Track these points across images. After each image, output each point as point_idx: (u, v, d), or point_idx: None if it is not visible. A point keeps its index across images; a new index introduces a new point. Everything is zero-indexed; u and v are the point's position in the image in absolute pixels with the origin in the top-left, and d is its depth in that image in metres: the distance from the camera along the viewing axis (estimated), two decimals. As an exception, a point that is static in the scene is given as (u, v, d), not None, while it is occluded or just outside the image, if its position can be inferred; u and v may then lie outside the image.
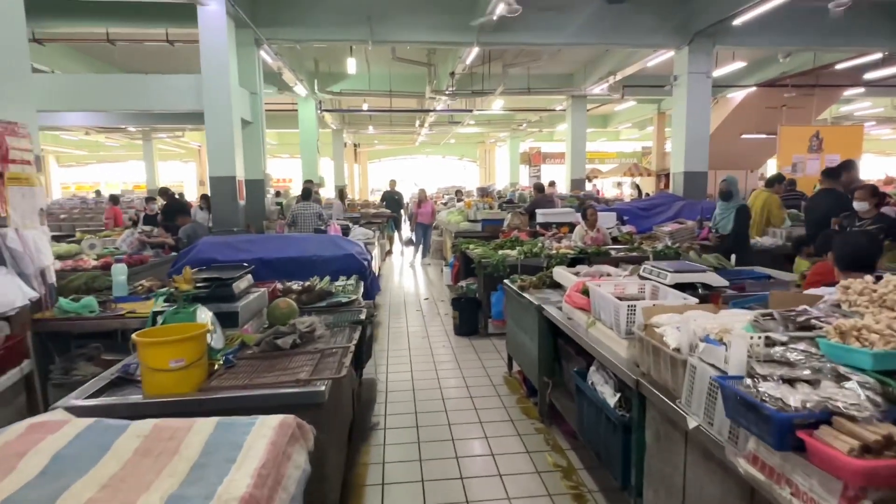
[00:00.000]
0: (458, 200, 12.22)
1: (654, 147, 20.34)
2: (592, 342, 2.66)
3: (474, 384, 4.35)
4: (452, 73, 12.18)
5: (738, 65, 11.68)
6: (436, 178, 30.25)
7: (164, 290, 2.64)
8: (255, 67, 8.77)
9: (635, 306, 2.33)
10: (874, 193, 4.32)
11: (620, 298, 2.61)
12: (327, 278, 4.22)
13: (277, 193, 13.20)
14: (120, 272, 3.60)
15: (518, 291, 3.90)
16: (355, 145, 28.58)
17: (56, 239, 7.20)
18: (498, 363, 4.84)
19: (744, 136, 16.70)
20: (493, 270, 5.37)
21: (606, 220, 7.74)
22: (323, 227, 7.82)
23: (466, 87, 13.80)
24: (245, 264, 2.98)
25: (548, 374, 3.44)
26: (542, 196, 8.67)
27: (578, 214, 7.78)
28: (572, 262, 5.53)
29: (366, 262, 4.95)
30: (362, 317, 3.07)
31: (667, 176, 20.38)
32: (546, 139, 29.46)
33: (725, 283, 2.90)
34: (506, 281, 4.29)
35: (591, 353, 2.67)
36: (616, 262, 5.52)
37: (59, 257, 6.11)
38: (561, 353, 3.39)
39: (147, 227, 8.70)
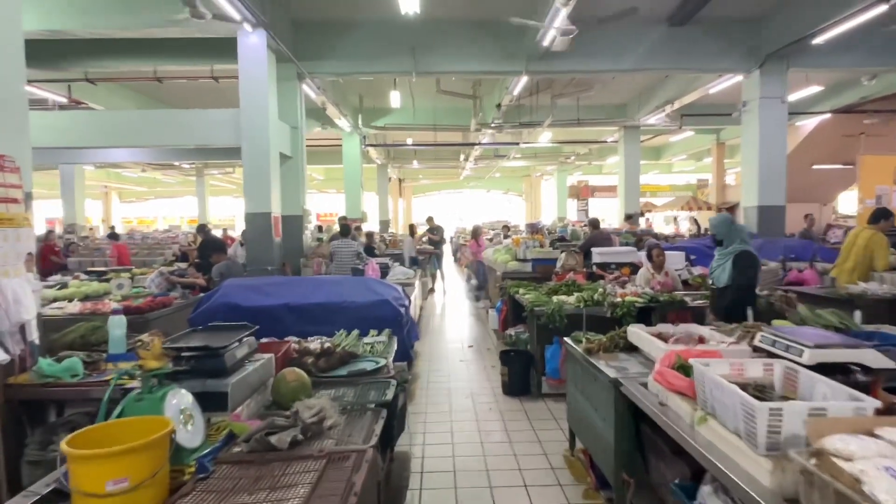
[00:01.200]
0: (505, 237, 11.53)
1: (714, 179, 19.15)
2: (703, 446, 1.90)
3: (528, 465, 3.58)
4: (499, 105, 11.73)
5: (814, 89, 10.66)
6: (480, 213, 29.80)
7: (129, 365, 2.08)
8: (296, 102, 8.54)
9: (781, 412, 1.57)
10: None
11: (741, 386, 1.85)
12: (355, 333, 3.62)
13: (320, 228, 12.97)
14: (116, 325, 3.10)
15: (585, 356, 3.15)
16: (400, 180, 28.59)
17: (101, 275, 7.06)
18: (556, 435, 4.05)
19: (816, 166, 15.42)
20: (547, 320, 4.63)
21: (675, 261, 6.87)
22: (361, 266, 7.31)
23: (513, 120, 13.32)
24: (248, 324, 2.41)
25: (628, 469, 2.66)
26: (598, 233, 7.88)
27: (642, 254, 6.95)
28: (641, 312, 4.74)
29: (403, 309, 4.33)
30: (389, 395, 2.41)
31: (729, 209, 19.18)
32: (594, 172, 28.60)
33: (891, 364, 2.08)
34: (567, 340, 3.55)
35: (701, 461, 1.91)
36: (696, 314, 4.71)
37: (85, 298, 5.85)
38: (647, 444, 2.61)
39: (183, 265, 8.46)
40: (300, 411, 2.00)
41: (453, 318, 9.01)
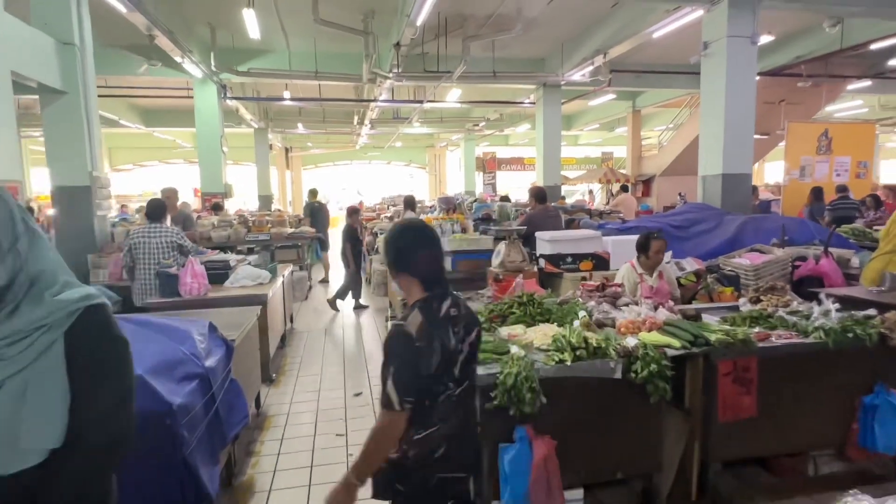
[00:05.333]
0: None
1: (629, 150, 17.97)
2: None
3: None
4: (398, 45, 9.04)
5: (765, 39, 9.17)
6: (381, 187, 26.95)
7: None
8: (68, 1, 5.29)
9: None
10: None
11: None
12: None
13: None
14: None
15: None
16: (286, 149, 24.86)
17: None
18: None
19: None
20: (507, 402, 2.23)
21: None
22: (173, 266, 4.46)
23: (416, 69, 10.73)
24: None
25: None
26: (543, 210, 5.57)
27: (606, 241, 4.79)
28: (676, 362, 2.51)
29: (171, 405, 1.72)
30: None
31: (644, 182, 18.18)
32: (501, 143, 26.84)
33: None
34: None
35: None
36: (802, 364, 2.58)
37: None
38: None
39: None
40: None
41: (338, 335, 6.41)
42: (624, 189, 12.67)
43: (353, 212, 8.10)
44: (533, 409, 2.20)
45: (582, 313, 2.90)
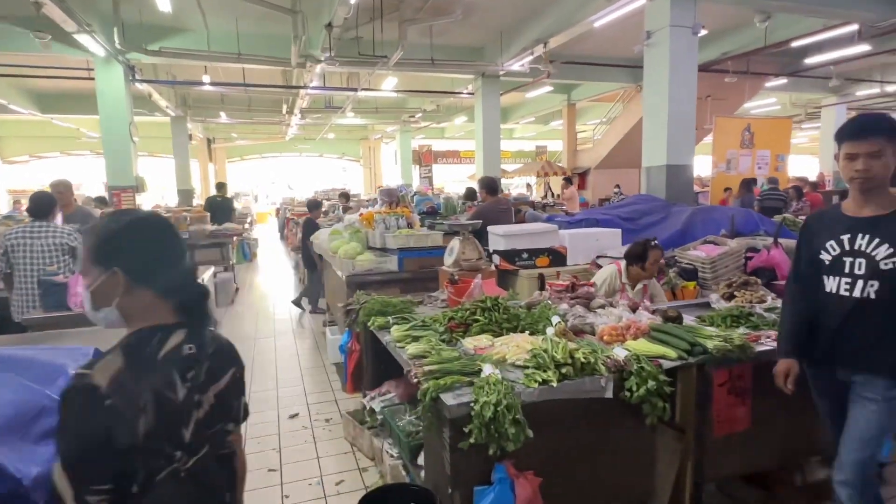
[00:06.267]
0: (345, 210, 8.32)
1: (565, 143, 18.11)
2: None
3: None
4: (329, 26, 8.38)
5: (703, 32, 9.28)
6: (314, 181, 25.82)
7: None
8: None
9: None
10: None
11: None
12: None
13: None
14: None
15: None
16: (209, 140, 23.19)
17: None
18: None
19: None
20: (481, 436, 1.79)
21: (605, 241, 4.58)
22: (60, 272, 3.70)
23: (350, 53, 10.07)
24: None
25: None
26: (494, 202, 5.16)
27: (563, 232, 4.49)
28: (671, 374, 2.18)
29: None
30: None
31: (580, 175, 18.40)
32: (437, 135, 26.46)
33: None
34: None
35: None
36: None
37: None
38: None
39: None
40: None
41: (268, 344, 5.74)
42: (568, 182, 12.65)
43: (314, 205, 7.41)
44: (517, 444, 1.79)
45: (556, 319, 2.53)
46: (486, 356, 2.23)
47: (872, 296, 1.86)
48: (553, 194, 17.80)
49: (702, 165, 15.66)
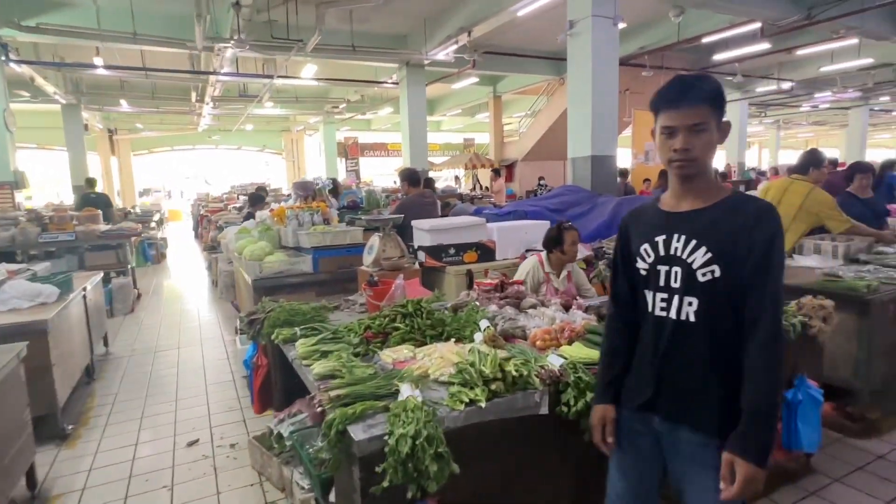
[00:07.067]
0: (258, 206, 7.63)
1: (492, 135, 18.11)
2: None
3: None
4: (237, 4, 7.67)
5: (622, 25, 9.43)
6: (230, 175, 24.33)
7: None
8: None
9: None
10: None
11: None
12: None
13: None
14: None
15: None
16: (110, 131, 21.17)
17: None
18: None
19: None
20: (398, 476, 1.48)
21: (534, 234, 4.41)
22: None
23: (263, 38, 9.35)
24: None
25: None
26: (418, 195, 4.82)
27: (489, 227, 4.27)
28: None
29: None
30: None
31: (507, 167, 18.49)
32: (363, 128, 25.74)
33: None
34: None
35: None
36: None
37: None
38: None
39: None
40: None
41: (171, 356, 5.12)
42: (497, 174, 12.58)
43: (257, 199, 6.72)
44: (441, 481, 1.50)
45: (484, 323, 2.27)
46: (406, 372, 1.92)
47: (692, 318, 1.39)
48: (482, 187, 17.79)
49: (622, 158, 16.25)
